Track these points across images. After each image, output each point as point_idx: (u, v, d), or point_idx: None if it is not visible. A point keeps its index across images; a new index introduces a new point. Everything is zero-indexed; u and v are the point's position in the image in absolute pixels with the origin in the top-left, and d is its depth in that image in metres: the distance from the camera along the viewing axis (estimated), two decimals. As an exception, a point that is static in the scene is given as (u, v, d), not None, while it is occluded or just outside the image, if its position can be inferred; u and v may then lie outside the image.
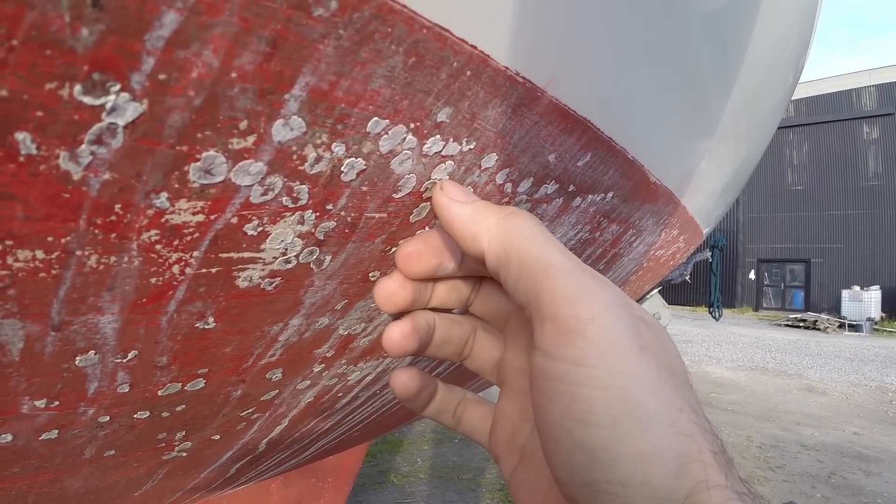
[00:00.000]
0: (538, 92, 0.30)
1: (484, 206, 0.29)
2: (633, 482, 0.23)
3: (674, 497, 0.23)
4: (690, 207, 0.93)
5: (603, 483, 0.23)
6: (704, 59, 0.50)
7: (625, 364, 0.23)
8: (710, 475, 0.23)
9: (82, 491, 0.40)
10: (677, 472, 0.23)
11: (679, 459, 0.23)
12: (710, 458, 0.24)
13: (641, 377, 0.23)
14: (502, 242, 0.27)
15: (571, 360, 0.23)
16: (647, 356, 0.24)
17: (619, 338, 0.24)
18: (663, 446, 0.23)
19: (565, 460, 0.24)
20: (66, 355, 0.26)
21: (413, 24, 0.22)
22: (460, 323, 0.35)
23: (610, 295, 0.25)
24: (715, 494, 0.23)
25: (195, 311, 0.27)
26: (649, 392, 0.23)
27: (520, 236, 0.27)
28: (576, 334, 0.23)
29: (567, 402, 0.24)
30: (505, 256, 0.27)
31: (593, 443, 0.23)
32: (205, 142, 0.20)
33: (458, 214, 0.28)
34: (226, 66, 0.19)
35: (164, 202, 0.21)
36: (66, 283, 0.22)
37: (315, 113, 0.22)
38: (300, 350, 0.36)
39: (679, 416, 0.24)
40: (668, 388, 0.24)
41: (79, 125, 0.18)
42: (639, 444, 0.23)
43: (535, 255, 0.26)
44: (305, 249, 0.28)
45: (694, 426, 0.24)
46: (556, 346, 0.24)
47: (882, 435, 4.45)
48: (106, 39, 0.16)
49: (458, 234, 0.28)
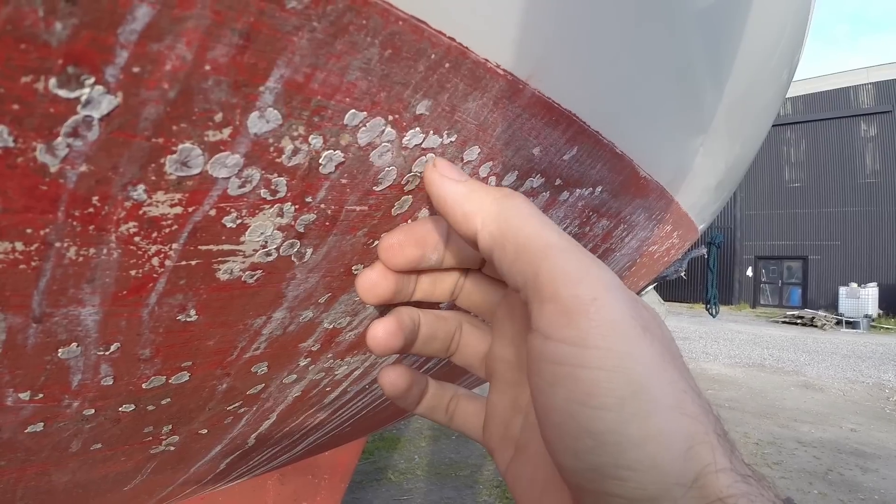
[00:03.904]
0: (520, 84, 0.30)
1: (478, 185, 0.28)
2: (642, 465, 0.22)
3: (682, 480, 0.22)
4: (684, 203, 0.93)
5: (611, 468, 0.22)
6: (694, 53, 0.50)
7: (629, 345, 0.23)
8: (718, 457, 0.23)
9: (70, 485, 0.40)
10: (685, 455, 0.22)
11: (687, 441, 0.22)
12: (716, 441, 0.23)
13: (646, 358, 0.23)
14: (497, 221, 0.26)
15: (574, 342, 0.23)
16: (649, 337, 0.23)
17: (623, 318, 0.23)
18: (671, 428, 0.22)
19: (570, 445, 0.23)
20: (49, 347, 0.26)
21: (388, 16, 0.22)
22: (446, 318, 0.35)
23: (610, 276, 0.24)
24: (722, 477, 0.22)
25: (176, 303, 0.27)
26: (654, 373, 0.23)
27: (517, 216, 0.26)
28: (578, 314, 0.23)
29: (570, 386, 0.23)
30: (500, 236, 0.26)
31: (599, 426, 0.22)
32: (180, 134, 0.20)
33: (451, 191, 0.27)
34: (199, 59, 0.19)
35: (141, 194, 0.22)
36: (46, 275, 0.23)
37: (291, 105, 0.22)
38: (285, 344, 0.36)
39: (684, 398, 0.23)
40: (672, 369, 0.24)
41: (55, 118, 0.18)
42: (647, 426, 0.22)
43: (532, 234, 0.25)
44: (286, 242, 0.28)
45: (698, 408, 0.24)
46: (557, 328, 0.23)
47: (879, 431, 4.47)
48: (79, 33, 0.16)
49: (450, 211, 0.27)
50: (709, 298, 5.88)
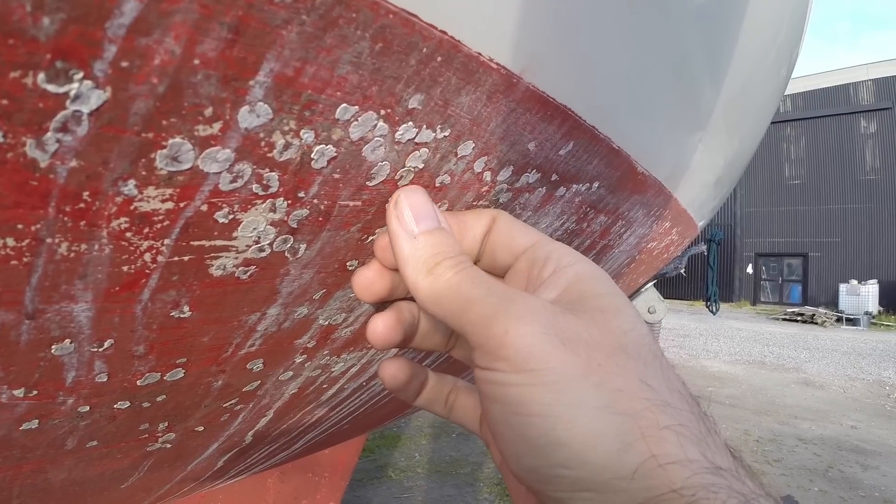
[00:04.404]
0: (514, 78, 0.30)
1: (420, 247, 0.29)
2: (574, 463, 0.24)
3: (620, 475, 0.24)
4: (683, 199, 0.93)
5: (546, 468, 0.25)
6: (691, 48, 0.50)
7: (546, 361, 0.25)
8: (663, 450, 0.24)
9: (67, 483, 0.40)
10: (619, 451, 0.24)
11: (620, 438, 0.24)
12: (667, 434, 0.24)
13: (565, 367, 0.25)
14: (428, 290, 0.28)
15: (500, 369, 0.26)
16: (571, 346, 0.26)
17: (534, 340, 0.25)
18: (598, 427, 0.24)
19: (512, 451, 0.26)
20: (42, 344, 0.26)
21: (378, 10, 0.22)
22: None
23: (516, 309, 0.26)
24: (674, 469, 0.23)
25: (169, 299, 0.27)
26: (576, 378, 0.25)
27: (444, 287, 0.28)
28: (497, 349, 0.26)
29: (504, 400, 0.26)
30: (431, 302, 0.29)
31: (531, 432, 0.25)
32: (170, 129, 0.20)
33: (398, 249, 0.29)
34: (188, 53, 0.19)
35: (132, 189, 0.21)
36: (38, 271, 0.22)
37: (281, 99, 0.22)
38: (280, 340, 0.36)
39: (617, 397, 0.25)
40: (603, 371, 0.25)
41: (44, 113, 0.18)
42: (572, 427, 0.24)
43: (452, 297, 0.28)
44: (279, 238, 0.28)
45: (642, 403, 0.25)
46: (485, 363, 0.27)
47: (879, 428, 4.46)
48: (67, 28, 0.16)
49: (398, 264, 0.29)
50: (709, 295, 5.87)
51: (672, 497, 0.23)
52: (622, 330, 0.27)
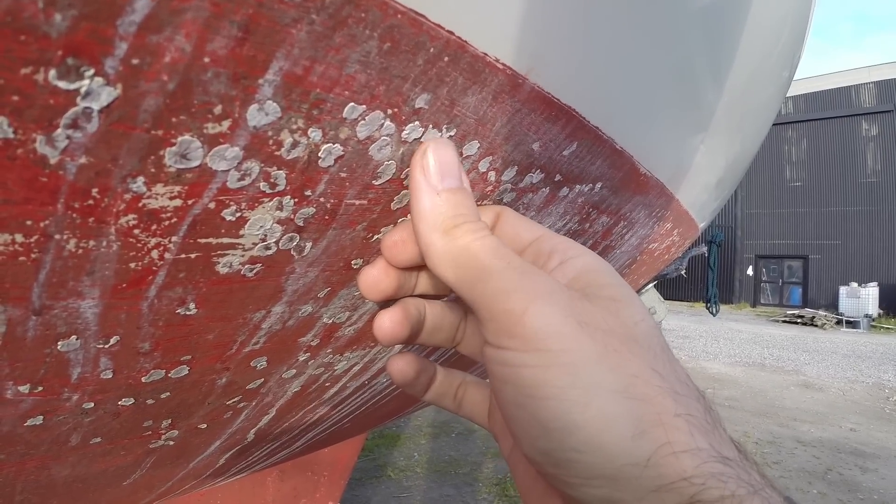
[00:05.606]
0: (519, 79, 0.30)
1: (442, 205, 0.28)
2: (588, 447, 0.24)
3: (634, 461, 0.23)
4: (684, 200, 0.93)
5: (560, 451, 0.25)
6: (694, 50, 0.50)
7: (563, 342, 0.25)
8: (676, 438, 0.24)
9: (70, 479, 0.40)
10: (634, 436, 0.24)
11: (635, 423, 0.24)
12: (679, 422, 0.24)
13: (583, 350, 0.25)
14: (445, 267, 0.28)
15: (514, 348, 0.26)
16: (588, 330, 0.25)
17: (553, 320, 0.25)
18: (614, 411, 0.24)
19: (525, 434, 0.26)
20: (49, 340, 0.26)
21: (387, 10, 0.22)
22: (451, 308, 0.36)
23: (541, 286, 0.26)
24: (686, 458, 0.23)
25: (176, 296, 0.27)
26: (592, 362, 0.25)
27: (463, 251, 0.28)
28: (513, 326, 0.25)
29: (517, 382, 0.26)
30: (449, 277, 0.28)
31: (545, 414, 0.25)
32: (180, 126, 0.20)
33: (417, 205, 0.28)
34: (198, 51, 0.19)
35: (140, 186, 0.22)
36: (45, 267, 0.23)
37: (290, 98, 0.22)
38: (284, 338, 0.36)
39: (633, 382, 0.25)
40: (618, 356, 0.25)
41: (55, 109, 0.18)
42: (587, 410, 0.24)
43: (469, 263, 0.27)
44: (285, 236, 0.28)
45: (656, 389, 0.25)
46: (498, 340, 0.26)
47: (879, 431, 4.46)
48: (79, 25, 0.16)
49: (413, 221, 0.29)
50: (709, 297, 5.88)
51: (682, 485, 0.23)
52: (633, 320, 0.27)
